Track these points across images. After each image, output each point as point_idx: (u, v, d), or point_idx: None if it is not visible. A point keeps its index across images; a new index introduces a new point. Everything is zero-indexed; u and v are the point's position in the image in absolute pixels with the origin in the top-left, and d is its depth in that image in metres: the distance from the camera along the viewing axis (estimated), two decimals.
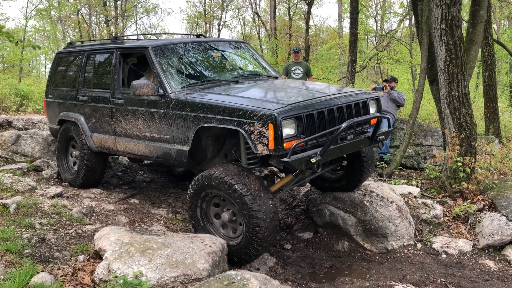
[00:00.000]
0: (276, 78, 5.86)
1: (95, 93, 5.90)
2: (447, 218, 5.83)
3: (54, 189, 5.87)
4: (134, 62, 6.12)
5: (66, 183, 6.42)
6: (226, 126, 4.35)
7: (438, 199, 6.17)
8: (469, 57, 7.29)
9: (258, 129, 4.09)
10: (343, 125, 4.28)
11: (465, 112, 6.23)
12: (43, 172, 6.65)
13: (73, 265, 4.00)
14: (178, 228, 5.34)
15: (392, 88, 8.55)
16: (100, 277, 3.63)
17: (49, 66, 34.36)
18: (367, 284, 4.43)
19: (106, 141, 5.79)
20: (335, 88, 5.34)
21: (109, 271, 3.62)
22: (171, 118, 4.84)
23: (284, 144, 4.04)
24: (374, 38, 22.44)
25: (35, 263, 3.88)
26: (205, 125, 4.52)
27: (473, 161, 6.14)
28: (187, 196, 4.64)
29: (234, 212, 4.45)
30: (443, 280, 4.59)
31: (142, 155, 5.43)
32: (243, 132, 4.20)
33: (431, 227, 5.69)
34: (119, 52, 5.64)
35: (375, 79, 21.76)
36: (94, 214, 5.41)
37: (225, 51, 6.00)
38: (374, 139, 4.83)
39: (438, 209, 5.86)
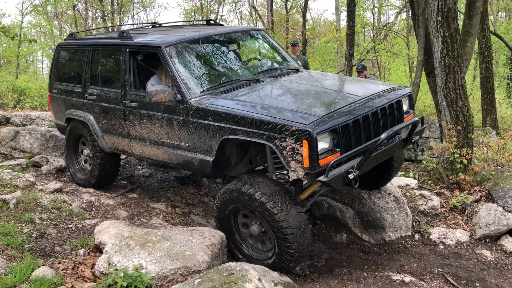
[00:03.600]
0: (297, 70, 5.48)
1: (104, 92, 5.53)
2: (444, 209, 5.88)
3: (54, 185, 5.90)
4: (141, 58, 5.72)
5: (65, 180, 6.43)
6: (254, 140, 4.02)
7: (435, 191, 6.21)
8: (465, 49, 7.32)
9: (290, 145, 3.77)
10: (383, 136, 4.00)
11: (462, 104, 6.26)
12: (42, 167, 6.66)
13: (73, 259, 4.04)
14: (177, 222, 5.38)
15: (365, 77, 8.22)
16: (101, 270, 3.67)
17: (46, 62, 34.30)
18: (365, 274, 4.48)
19: (120, 143, 5.50)
20: (364, 86, 4.92)
21: (109, 264, 3.66)
22: (192, 126, 4.50)
23: (320, 161, 3.73)
24: (372, 31, 22.42)
25: (36, 257, 3.92)
26: (230, 136, 4.19)
27: (470, 152, 6.18)
28: (214, 207, 4.42)
29: (263, 226, 4.21)
30: (440, 270, 4.63)
31: (161, 161, 5.14)
32: (274, 147, 3.89)
33: (429, 218, 5.73)
34: (128, 50, 5.21)
35: (373, 72, 21.77)
36: (93, 208, 5.44)
37: (241, 42, 5.60)
38: (409, 141, 4.54)
39: (435, 200, 5.90)
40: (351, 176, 3.78)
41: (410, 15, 15.33)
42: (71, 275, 3.73)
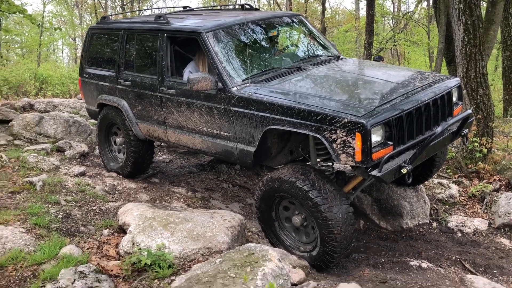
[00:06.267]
0: (338, 57, 5.31)
1: (139, 78, 5.41)
2: (462, 198, 5.87)
3: (77, 168, 6.06)
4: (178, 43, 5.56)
5: (88, 164, 6.58)
6: (301, 131, 3.87)
7: (454, 179, 6.19)
8: (487, 37, 7.23)
9: (341, 137, 3.61)
10: (438, 129, 3.85)
11: (483, 93, 6.21)
12: (65, 152, 6.83)
13: (98, 238, 4.18)
14: (197, 205, 5.48)
15: None
16: (125, 250, 3.79)
17: (66, 51, 34.79)
18: (382, 260, 4.53)
19: (155, 131, 5.42)
20: (413, 76, 4.63)
21: (133, 244, 3.77)
22: (233, 115, 4.36)
23: (373, 155, 3.57)
24: (391, 20, 22.16)
25: (62, 237, 4.07)
26: (275, 127, 4.05)
27: (490, 141, 6.14)
28: (255, 197, 4.28)
29: (305, 217, 4.08)
30: (458, 257, 4.65)
31: (198, 150, 5.04)
32: (323, 139, 3.73)
33: (447, 206, 5.74)
34: (165, 35, 5.04)
35: (392, 62, 21.56)
36: (116, 192, 5.59)
37: (280, 27, 5.40)
38: (459, 134, 4.29)
39: (454, 189, 5.90)
40: (404, 170, 3.64)
41: (431, 3, 15.11)
42: (96, 253, 3.86)
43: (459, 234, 5.24)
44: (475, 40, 6.09)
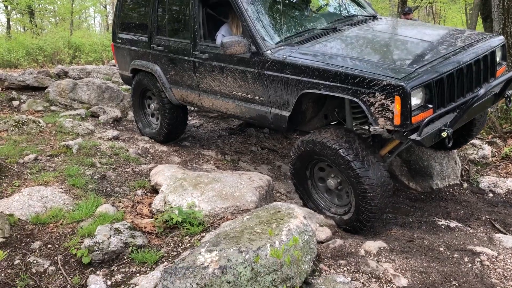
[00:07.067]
0: (375, 17, 5.14)
1: (172, 42, 5.39)
2: (495, 158, 5.76)
3: (111, 133, 6.25)
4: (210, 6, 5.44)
5: (121, 128, 6.76)
6: (338, 95, 3.77)
7: (487, 140, 6.07)
8: None
9: (380, 101, 3.51)
10: (481, 91, 3.66)
11: None
12: (99, 117, 7.04)
13: (132, 198, 4.36)
14: (227, 167, 5.60)
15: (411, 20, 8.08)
16: (157, 208, 3.95)
17: (98, 18, 35.13)
18: (410, 220, 4.55)
19: (189, 96, 5.41)
20: (453, 35, 4.42)
21: (165, 203, 3.93)
22: (267, 79, 4.29)
23: (412, 119, 3.47)
24: None
25: (98, 197, 4.26)
26: (310, 91, 3.96)
27: None
28: (291, 154, 4.27)
29: (340, 180, 4.06)
30: (488, 217, 4.61)
31: (232, 115, 5.01)
32: (360, 103, 3.64)
33: (479, 167, 5.65)
34: None
35: (427, 20, 20.77)
36: (148, 155, 5.76)
37: None
38: (502, 96, 4.08)
39: (487, 150, 5.79)
40: (444, 134, 3.51)
41: None
42: (130, 212, 4.05)
43: (491, 195, 5.17)
44: None
